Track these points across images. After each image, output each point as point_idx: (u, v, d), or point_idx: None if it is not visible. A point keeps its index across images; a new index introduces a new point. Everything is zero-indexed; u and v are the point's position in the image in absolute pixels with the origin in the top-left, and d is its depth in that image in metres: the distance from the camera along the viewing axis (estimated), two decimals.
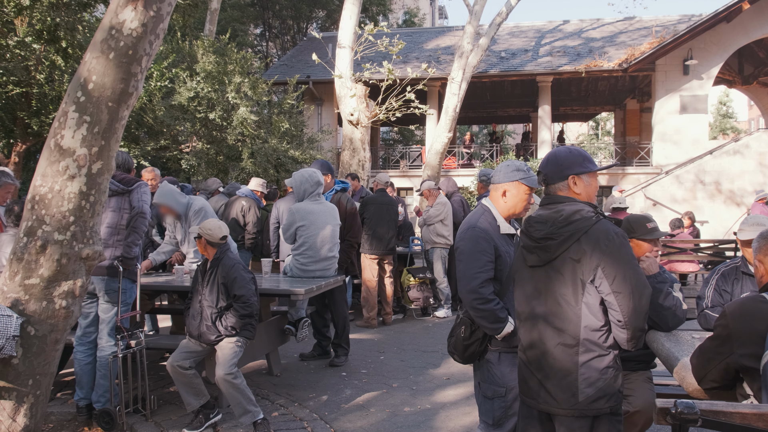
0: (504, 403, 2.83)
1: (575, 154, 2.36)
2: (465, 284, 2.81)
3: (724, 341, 2.06)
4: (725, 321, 2.08)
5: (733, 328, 2.03)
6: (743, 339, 1.98)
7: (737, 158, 15.68)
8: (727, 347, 2.04)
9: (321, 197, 5.50)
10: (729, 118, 44.74)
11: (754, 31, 16.73)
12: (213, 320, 4.08)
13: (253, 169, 10.48)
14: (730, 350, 2.03)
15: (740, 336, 1.99)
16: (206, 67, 10.71)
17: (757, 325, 1.96)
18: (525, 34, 21.61)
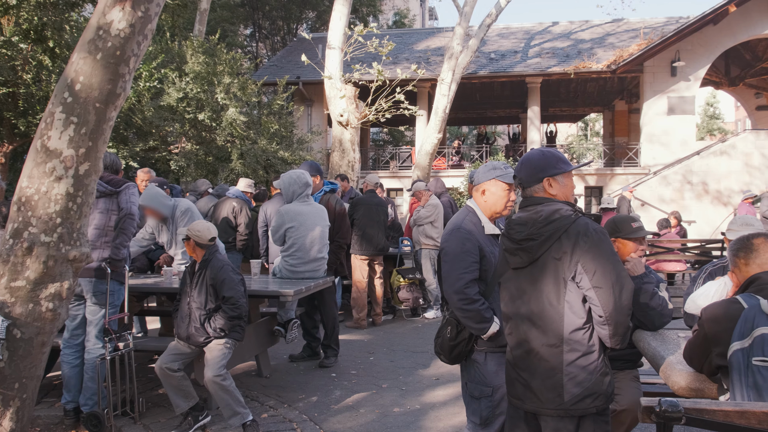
0: (491, 403, 2.85)
1: (548, 157, 2.39)
2: (450, 285, 2.83)
3: (702, 342, 2.11)
4: (701, 323, 2.14)
5: (708, 330, 2.08)
6: (717, 340, 2.03)
7: (724, 159, 15.84)
8: (706, 347, 2.09)
9: (310, 198, 5.50)
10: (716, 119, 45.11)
11: (741, 34, 16.90)
12: (202, 322, 4.06)
13: (242, 170, 10.45)
14: (709, 350, 2.07)
15: (714, 337, 2.05)
16: (195, 67, 10.68)
17: (728, 325, 2.00)
18: (514, 35, 21.71)
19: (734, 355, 1.97)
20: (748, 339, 1.94)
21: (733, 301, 2.09)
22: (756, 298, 2.04)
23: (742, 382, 1.91)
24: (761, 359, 1.89)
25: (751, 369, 1.91)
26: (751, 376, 1.90)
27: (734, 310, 2.03)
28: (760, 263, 2.21)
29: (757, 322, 1.97)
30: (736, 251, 2.32)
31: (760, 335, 1.93)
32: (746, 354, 1.93)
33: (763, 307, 1.99)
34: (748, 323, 1.97)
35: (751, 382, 1.90)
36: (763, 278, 2.13)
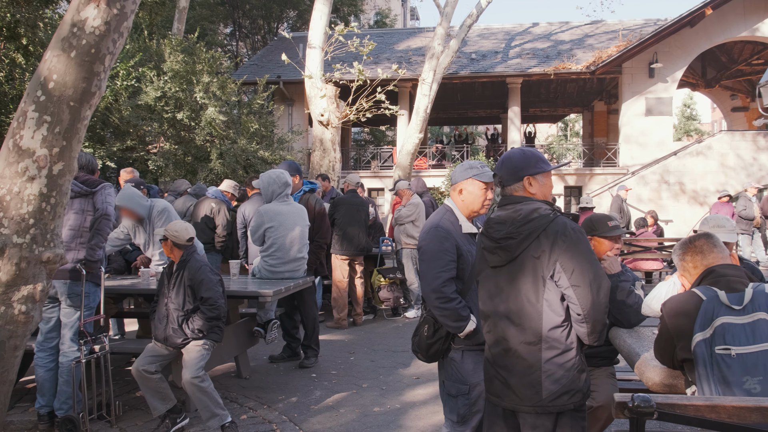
0: (468, 401, 2.86)
1: (529, 156, 2.41)
2: (427, 283, 2.84)
3: (666, 337, 2.15)
4: (663, 319, 2.18)
5: (670, 325, 2.12)
6: (679, 334, 2.07)
7: (700, 159, 16.08)
8: (669, 342, 2.13)
9: (289, 198, 5.48)
10: (693, 120, 45.79)
11: (717, 36, 17.18)
12: (179, 323, 4.03)
13: (221, 170, 10.37)
14: (672, 344, 2.11)
15: (677, 331, 2.09)
16: (174, 66, 10.57)
17: (688, 318, 2.05)
18: (495, 36, 21.84)
19: (697, 346, 2.01)
20: (710, 330, 1.99)
21: (691, 294, 2.13)
22: (713, 290, 2.09)
23: (708, 372, 1.95)
24: (723, 348, 1.94)
25: (714, 359, 1.96)
26: (716, 366, 1.95)
27: (693, 303, 2.08)
28: (708, 263, 2.26)
29: (716, 312, 2.02)
30: (682, 255, 2.37)
31: (720, 325, 1.98)
32: (709, 344, 1.98)
33: (721, 298, 2.04)
34: (708, 314, 2.02)
35: (716, 371, 1.94)
36: (717, 270, 2.18)
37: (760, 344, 1.92)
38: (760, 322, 1.95)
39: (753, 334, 1.94)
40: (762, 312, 1.97)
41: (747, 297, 2.02)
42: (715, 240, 2.35)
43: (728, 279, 2.13)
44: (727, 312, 2.00)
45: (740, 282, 2.11)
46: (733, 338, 1.96)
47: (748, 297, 2.02)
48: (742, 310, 1.99)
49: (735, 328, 1.97)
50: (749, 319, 1.97)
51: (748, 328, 1.96)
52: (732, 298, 2.04)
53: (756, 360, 1.90)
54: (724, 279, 2.13)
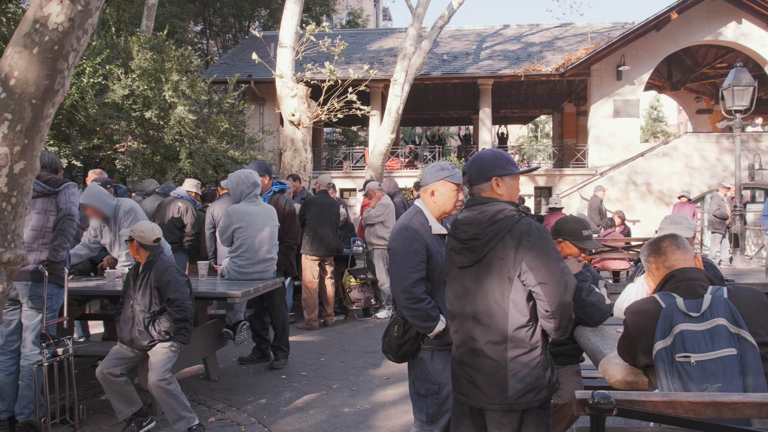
0: (437, 400, 2.88)
1: (499, 157, 2.45)
2: (397, 284, 2.85)
3: (627, 341, 2.19)
4: (625, 323, 2.22)
5: (631, 329, 2.15)
6: (639, 339, 2.10)
7: (666, 160, 16.42)
8: (631, 346, 2.17)
9: (258, 198, 5.43)
10: (659, 122, 46.74)
11: (682, 40, 17.57)
12: (146, 325, 3.97)
13: (191, 170, 10.24)
14: (634, 348, 2.15)
15: (637, 336, 2.12)
16: (142, 64, 10.40)
17: (649, 324, 2.08)
18: (467, 37, 21.99)
19: (659, 354, 2.03)
20: (670, 337, 2.01)
21: (651, 300, 2.16)
22: (672, 296, 2.12)
23: (669, 379, 1.97)
24: (683, 355, 1.97)
25: (675, 366, 1.98)
26: (677, 373, 1.96)
27: (653, 310, 2.11)
28: (670, 265, 2.29)
29: (675, 319, 2.04)
30: (647, 256, 2.41)
31: (679, 332, 2.00)
32: (669, 352, 2.00)
33: (679, 305, 2.07)
34: (667, 321, 2.04)
35: (677, 378, 1.96)
36: (677, 276, 2.21)
37: (719, 350, 1.93)
38: (719, 328, 1.97)
39: (712, 341, 1.96)
40: (721, 318, 1.99)
41: (705, 303, 2.04)
42: (680, 241, 2.38)
43: (689, 283, 2.15)
44: (685, 319, 2.02)
45: (701, 286, 2.13)
46: (693, 345, 1.97)
47: (706, 303, 2.04)
48: (701, 316, 2.01)
49: (694, 335, 1.99)
50: (708, 325, 1.99)
51: (707, 334, 1.98)
52: (690, 305, 2.06)
53: (715, 367, 1.92)
54: (684, 284, 2.15)
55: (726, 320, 1.97)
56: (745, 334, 1.94)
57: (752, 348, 1.93)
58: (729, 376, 1.90)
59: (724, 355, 1.93)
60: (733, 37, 17.34)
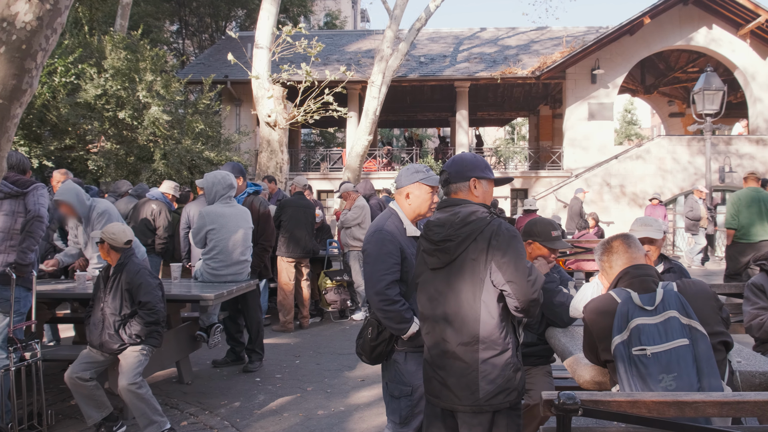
0: (410, 402, 2.88)
1: (479, 160, 2.51)
2: (371, 286, 2.85)
3: (589, 338, 2.22)
4: (585, 321, 2.27)
5: (590, 327, 2.19)
6: (599, 336, 2.14)
7: (639, 163, 16.66)
8: (592, 343, 2.20)
9: (233, 200, 5.39)
10: (633, 125, 47.42)
11: (655, 44, 17.86)
12: (116, 328, 3.92)
13: (165, 171, 10.11)
14: (595, 345, 2.19)
15: (597, 333, 2.16)
16: (115, 63, 10.24)
17: (608, 320, 2.12)
18: (444, 39, 22.08)
19: (617, 348, 2.08)
20: (626, 332, 2.07)
21: (607, 296, 2.21)
22: (627, 292, 2.18)
23: (628, 372, 2.03)
24: (639, 348, 2.02)
25: (632, 360, 2.03)
26: (635, 366, 2.02)
27: (609, 306, 2.16)
28: (622, 263, 2.36)
29: (631, 314, 2.10)
30: (600, 255, 2.47)
31: (635, 326, 2.06)
32: (626, 346, 2.06)
33: (634, 300, 2.12)
34: (624, 316, 2.10)
35: (635, 371, 2.02)
36: (630, 272, 2.27)
37: (672, 341, 2.00)
38: (672, 320, 2.04)
39: (665, 333, 2.02)
40: (673, 310, 2.05)
41: (658, 297, 2.11)
42: (630, 240, 2.44)
43: (641, 279, 2.21)
44: (640, 313, 2.08)
45: (653, 281, 2.20)
46: (648, 338, 2.03)
47: (659, 297, 2.11)
48: (654, 310, 2.07)
49: (649, 329, 2.04)
50: (661, 318, 2.05)
51: (661, 327, 2.04)
52: (644, 299, 2.12)
53: (669, 357, 1.98)
54: (637, 279, 2.22)
55: (677, 312, 2.04)
56: (695, 324, 2.01)
57: (703, 337, 2.00)
58: (683, 365, 1.96)
59: (678, 345, 1.99)
60: (704, 42, 17.67)
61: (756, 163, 16.34)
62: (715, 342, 2.05)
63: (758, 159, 16.39)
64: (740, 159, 16.46)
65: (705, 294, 2.13)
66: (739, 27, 17.22)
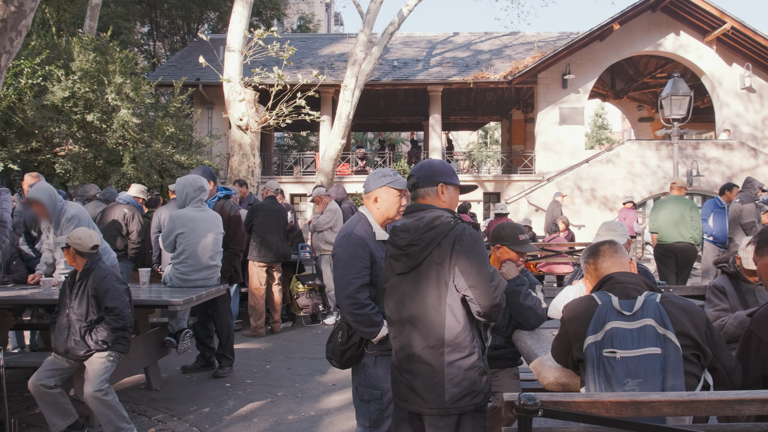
0: (380, 406, 2.90)
1: (447, 167, 2.55)
2: (341, 290, 2.86)
3: (564, 338, 2.25)
4: (563, 321, 2.29)
5: (568, 327, 2.23)
6: (576, 336, 2.17)
7: (609, 166, 16.93)
8: (567, 343, 2.23)
9: (204, 204, 5.35)
10: (604, 129, 48.18)
11: (624, 50, 18.19)
12: (82, 334, 3.86)
13: (135, 175, 9.96)
14: (569, 345, 2.22)
15: (574, 333, 2.19)
16: (84, 65, 10.07)
17: (584, 321, 2.15)
18: (417, 44, 22.18)
19: (588, 348, 2.12)
20: (601, 333, 2.10)
21: (588, 298, 2.25)
22: (608, 295, 2.22)
23: (595, 373, 2.06)
24: (610, 350, 2.06)
25: (601, 361, 2.07)
26: (602, 368, 2.05)
27: (590, 307, 2.19)
28: (607, 267, 2.41)
29: (608, 317, 2.14)
30: (587, 258, 2.52)
31: (610, 329, 2.10)
32: (598, 347, 2.09)
33: (614, 303, 2.16)
34: (601, 318, 2.14)
35: (602, 372, 2.05)
36: (614, 277, 2.32)
37: (644, 348, 2.03)
38: (647, 327, 2.07)
39: (639, 339, 2.05)
40: (650, 318, 2.08)
41: (638, 304, 2.14)
42: (617, 247, 2.50)
43: (624, 285, 2.25)
44: (618, 317, 2.12)
45: (635, 289, 2.23)
46: (620, 342, 2.06)
47: (639, 304, 2.14)
48: (632, 316, 2.11)
49: (623, 333, 2.08)
50: (638, 324, 2.08)
51: (636, 333, 2.07)
52: (624, 304, 2.15)
53: (638, 363, 2.01)
54: (620, 285, 2.25)
55: (655, 321, 2.07)
56: (670, 335, 2.04)
57: (675, 349, 2.03)
58: (650, 373, 1.99)
59: (648, 353, 2.02)
60: (672, 48, 18.05)
61: (722, 166, 16.73)
62: (688, 354, 2.07)
63: (725, 163, 16.78)
64: (707, 163, 16.83)
65: (688, 310, 2.15)
66: (705, 34, 17.63)
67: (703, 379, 2.11)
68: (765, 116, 18.02)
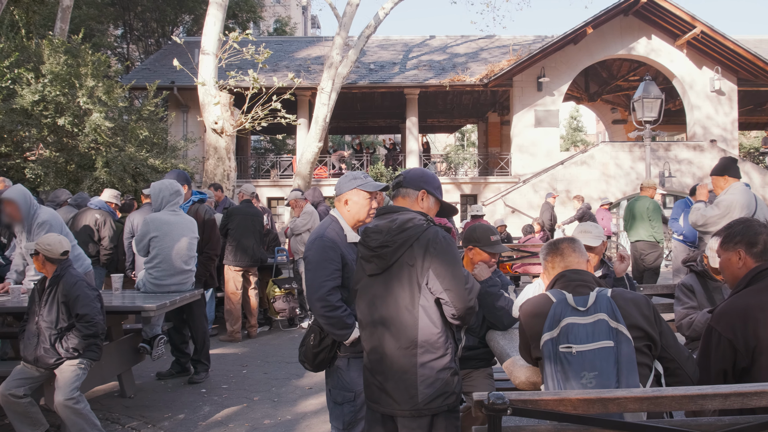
0: (353, 408, 2.89)
1: (437, 180, 2.64)
2: (313, 292, 2.86)
3: (523, 337, 2.28)
4: (520, 320, 2.33)
5: (525, 326, 2.26)
6: (534, 334, 2.20)
7: (584, 168, 17.16)
8: (526, 342, 2.27)
9: (179, 209, 5.29)
10: (579, 131, 48.81)
11: (597, 53, 18.45)
12: (52, 342, 3.79)
13: (108, 179, 9.81)
14: (528, 344, 2.25)
15: (531, 332, 2.23)
16: (54, 68, 9.90)
17: (540, 319, 2.20)
18: (394, 47, 22.25)
19: (545, 345, 2.15)
20: (557, 329, 2.14)
21: (543, 297, 2.29)
22: (562, 293, 2.26)
23: (553, 369, 2.10)
24: (566, 346, 2.09)
25: (558, 356, 2.11)
26: (559, 363, 2.10)
27: (545, 305, 2.23)
28: (565, 264, 2.44)
29: (563, 313, 2.18)
30: (546, 255, 2.55)
31: (566, 325, 2.14)
32: (554, 343, 2.13)
33: (569, 300, 2.20)
34: (556, 316, 2.18)
35: (559, 368, 2.09)
36: (567, 275, 2.36)
37: (598, 342, 2.08)
38: (600, 322, 2.12)
39: (593, 333, 2.10)
40: (602, 313, 2.14)
41: (591, 299, 2.19)
42: (576, 245, 2.53)
43: (576, 283, 2.30)
44: (573, 313, 2.16)
45: (587, 286, 2.29)
46: (576, 337, 2.11)
47: (592, 299, 2.19)
48: (586, 311, 2.16)
49: (578, 328, 2.13)
50: (591, 319, 2.13)
51: (590, 327, 2.12)
52: (579, 300, 2.20)
53: (593, 357, 2.06)
54: (572, 283, 2.30)
55: (607, 315, 2.12)
56: (622, 328, 2.10)
57: (627, 341, 2.08)
58: (605, 365, 2.04)
59: (602, 346, 2.07)
60: (644, 51, 18.36)
61: (693, 167, 17.06)
62: (640, 345, 2.13)
63: (695, 164, 17.11)
64: (679, 164, 17.15)
65: (636, 302, 2.22)
66: (676, 38, 17.98)
67: (654, 369, 2.17)
68: (734, 118, 18.41)
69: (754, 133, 32.83)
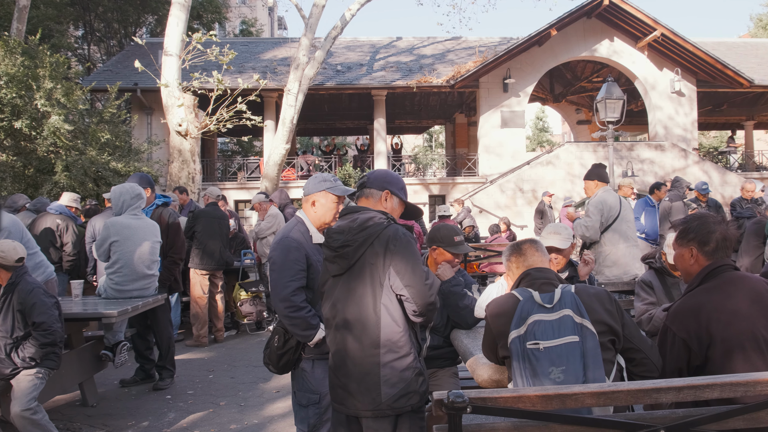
0: (318, 410, 2.89)
1: (401, 181, 2.64)
2: (277, 293, 2.85)
3: (490, 336, 2.30)
4: (486, 320, 2.35)
5: (492, 325, 2.28)
6: (500, 333, 2.22)
7: (549, 168, 17.38)
8: (492, 341, 2.28)
9: (141, 213, 5.20)
10: (545, 132, 49.48)
11: (562, 55, 18.73)
12: (8, 351, 3.69)
13: (68, 183, 9.58)
14: (494, 343, 2.26)
15: (498, 331, 2.24)
16: (10, 70, 9.63)
17: (507, 318, 2.21)
18: (361, 48, 22.24)
19: (513, 342, 2.17)
20: (524, 327, 2.17)
21: (510, 296, 2.31)
22: (529, 291, 2.28)
23: (521, 366, 2.12)
24: (533, 342, 2.11)
25: (526, 353, 2.13)
26: (527, 360, 2.11)
27: (512, 304, 2.25)
28: (528, 264, 2.48)
29: (531, 311, 2.20)
30: (509, 256, 2.58)
31: (533, 322, 2.16)
32: (522, 340, 2.15)
33: (535, 298, 2.22)
34: (523, 313, 2.20)
35: (527, 365, 2.11)
36: (532, 274, 2.40)
37: (564, 337, 2.11)
38: (565, 318, 2.15)
39: (559, 329, 2.13)
40: (567, 309, 2.17)
41: (557, 296, 2.22)
42: (538, 245, 2.57)
43: (541, 281, 2.33)
44: (539, 310, 2.19)
45: (551, 283, 2.32)
46: (542, 333, 2.13)
47: (557, 296, 2.22)
48: (552, 308, 2.18)
49: (544, 325, 2.15)
50: (557, 315, 2.16)
51: (556, 324, 2.15)
52: (544, 297, 2.23)
53: (560, 352, 2.09)
54: (538, 281, 2.33)
55: (572, 311, 2.15)
56: (587, 323, 2.13)
57: (592, 336, 2.12)
58: (571, 359, 2.07)
59: (568, 341, 2.10)
60: (606, 53, 18.71)
61: (655, 167, 17.43)
62: (605, 340, 2.16)
63: (657, 163, 17.49)
64: (641, 164, 17.50)
65: (599, 297, 2.25)
66: (638, 40, 18.36)
67: (617, 362, 2.20)
68: (694, 119, 18.89)
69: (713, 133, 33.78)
